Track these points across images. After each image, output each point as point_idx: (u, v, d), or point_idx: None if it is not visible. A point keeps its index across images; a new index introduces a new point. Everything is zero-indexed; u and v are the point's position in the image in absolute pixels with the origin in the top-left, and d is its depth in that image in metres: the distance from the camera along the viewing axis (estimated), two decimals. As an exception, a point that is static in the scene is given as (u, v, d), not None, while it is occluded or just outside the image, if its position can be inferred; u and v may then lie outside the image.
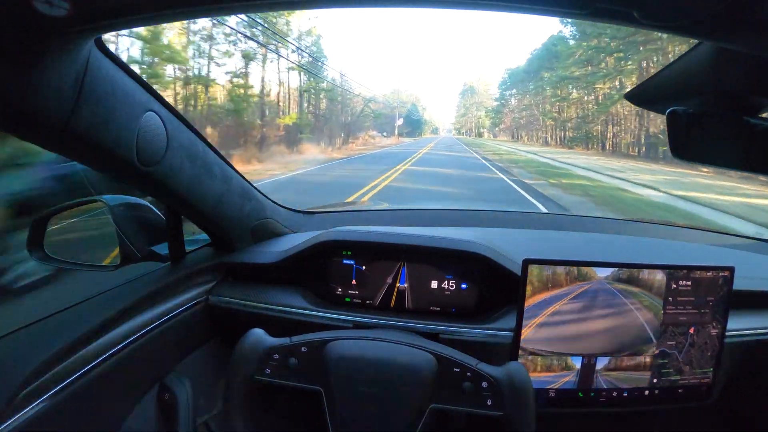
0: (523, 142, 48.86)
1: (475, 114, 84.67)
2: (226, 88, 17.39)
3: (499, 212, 1.45)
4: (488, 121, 75.36)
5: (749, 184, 11.90)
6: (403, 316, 0.86)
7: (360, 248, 0.91)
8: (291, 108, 22.36)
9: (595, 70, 30.61)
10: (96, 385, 0.64)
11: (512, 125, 56.57)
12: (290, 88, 22.40)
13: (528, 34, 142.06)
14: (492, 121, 69.68)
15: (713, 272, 0.76)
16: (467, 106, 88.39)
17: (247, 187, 0.93)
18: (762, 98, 0.42)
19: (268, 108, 19.86)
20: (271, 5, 0.40)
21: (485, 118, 78.77)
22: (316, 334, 0.66)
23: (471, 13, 0.40)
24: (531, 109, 46.41)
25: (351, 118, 30.88)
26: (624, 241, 1.18)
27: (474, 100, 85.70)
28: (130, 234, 0.78)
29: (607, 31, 25.89)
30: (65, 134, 0.50)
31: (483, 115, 79.99)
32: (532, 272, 0.74)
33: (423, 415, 0.60)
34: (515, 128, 55.09)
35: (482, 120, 79.48)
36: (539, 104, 42.92)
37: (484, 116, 79.47)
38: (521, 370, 0.61)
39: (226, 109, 16.80)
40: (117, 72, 0.55)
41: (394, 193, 7.85)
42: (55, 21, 0.38)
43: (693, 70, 0.43)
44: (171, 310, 0.80)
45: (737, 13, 0.29)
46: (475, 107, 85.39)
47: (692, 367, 0.78)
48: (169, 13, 0.41)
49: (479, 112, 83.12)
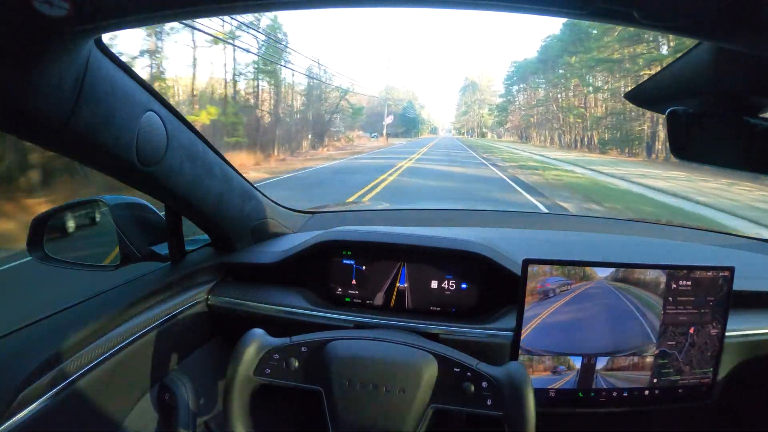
0: (534, 144, 42.78)
1: (477, 112, 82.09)
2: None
3: (499, 212, 1.46)
4: (492, 120, 72.42)
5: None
6: (404, 316, 0.86)
7: (360, 248, 0.91)
8: (221, 102, 15.48)
9: (644, 50, 23.09)
10: (96, 385, 0.64)
11: (521, 124, 52.72)
12: (216, 74, 15.85)
13: (537, 24, 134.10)
14: (497, 120, 67.06)
15: (713, 272, 0.76)
16: (468, 104, 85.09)
17: (247, 187, 0.93)
18: (762, 98, 0.42)
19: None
20: (271, 5, 0.40)
21: (488, 117, 75.52)
22: (317, 334, 0.66)
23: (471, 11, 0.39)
24: (547, 105, 40.49)
25: (327, 116, 26.83)
26: (624, 241, 1.18)
27: (476, 97, 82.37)
28: (130, 234, 0.78)
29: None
30: (65, 134, 0.50)
31: (486, 114, 77.61)
32: (532, 272, 0.74)
33: (423, 415, 0.60)
34: (524, 128, 51.26)
35: (485, 118, 77.23)
36: (558, 98, 37.10)
37: (486, 114, 77.16)
38: (521, 370, 0.61)
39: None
40: (117, 72, 0.55)
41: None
42: (55, 21, 0.38)
43: (693, 70, 0.43)
44: (171, 310, 0.80)
45: (737, 13, 0.29)
46: (477, 105, 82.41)
47: (692, 367, 0.78)
48: (169, 13, 0.41)
49: (482, 110, 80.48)
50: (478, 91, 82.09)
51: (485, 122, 75.87)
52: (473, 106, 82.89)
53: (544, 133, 42.77)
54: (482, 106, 78.97)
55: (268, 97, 20.75)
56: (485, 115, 76.07)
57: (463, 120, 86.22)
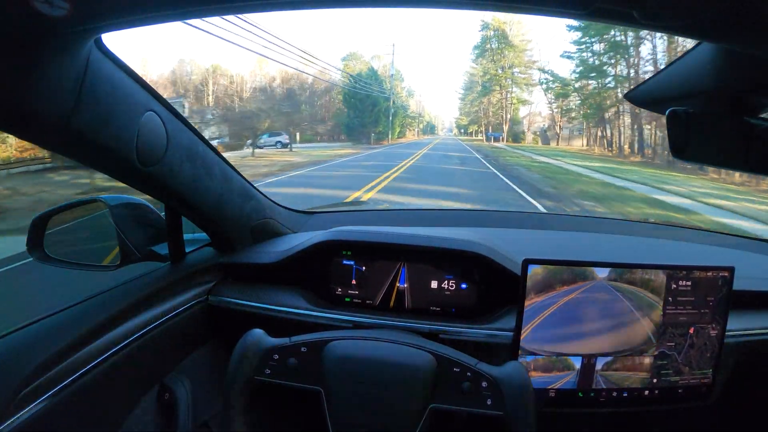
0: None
1: (503, 94, 35.04)
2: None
3: (499, 212, 1.46)
4: (520, 108, 33.60)
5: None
6: (403, 316, 0.86)
7: (360, 248, 0.91)
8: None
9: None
10: (96, 385, 0.64)
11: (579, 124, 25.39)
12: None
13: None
14: (559, 107, 29.54)
15: (713, 272, 0.76)
16: (491, 76, 35.39)
17: (247, 186, 0.93)
18: (762, 98, 0.42)
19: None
20: (271, 5, 0.41)
21: (517, 104, 34.28)
22: (316, 335, 0.66)
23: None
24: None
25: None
26: (624, 241, 1.18)
27: (505, 60, 34.30)
28: (130, 234, 0.78)
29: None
30: (65, 134, 0.50)
31: (516, 99, 34.26)
32: (532, 272, 0.74)
33: (423, 415, 0.60)
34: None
35: (515, 103, 34.37)
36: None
37: (516, 100, 34.25)
38: (521, 370, 0.61)
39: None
40: (117, 72, 0.55)
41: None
42: (55, 21, 0.38)
43: (693, 70, 0.43)
44: (171, 310, 0.80)
45: (737, 13, 0.29)
46: (507, 74, 34.58)
47: (691, 368, 0.78)
48: (170, 13, 0.41)
49: (515, 86, 34.49)
50: (508, 50, 34.16)
51: (515, 114, 34.73)
52: (501, 79, 35.02)
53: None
54: (516, 80, 34.56)
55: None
56: (516, 101, 34.63)
57: (476, 109, 38.71)
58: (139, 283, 0.79)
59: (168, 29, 18.57)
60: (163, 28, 12.13)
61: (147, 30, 13.06)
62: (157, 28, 10.38)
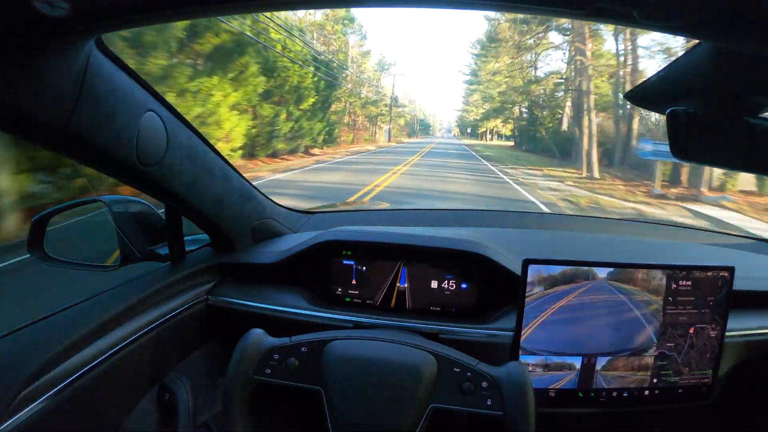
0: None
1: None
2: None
3: (499, 212, 1.46)
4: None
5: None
6: (403, 316, 0.86)
7: (360, 248, 0.91)
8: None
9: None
10: (96, 385, 0.64)
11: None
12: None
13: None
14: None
15: (713, 272, 0.76)
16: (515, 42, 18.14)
17: (247, 187, 0.93)
18: (762, 98, 0.42)
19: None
20: (271, 5, 0.40)
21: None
22: (316, 334, 0.66)
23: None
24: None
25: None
26: (624, 241, 1.18)
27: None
28: (130, 234, 0.78)
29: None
30: (65, 134, 0.50)
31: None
32: (532, 272, 0.74)
33: (423, 415, 0.60)
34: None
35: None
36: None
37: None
38: (521, 370, 0.61)
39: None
40: (117, 72, 0.55)
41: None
42: (55, 21, 0.38)
43: (693, 70, 0.43)
44: (171, 310, 0.80)
45: (737, 13, 0.29)
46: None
47: (691, 369, 0.78)
48: (170, 12, 0.41)
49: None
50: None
51: (560, 101, 18.80)
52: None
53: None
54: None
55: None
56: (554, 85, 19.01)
57: (478, 99, 30.34)
58: (139, 283, 0.79)
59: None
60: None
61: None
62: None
